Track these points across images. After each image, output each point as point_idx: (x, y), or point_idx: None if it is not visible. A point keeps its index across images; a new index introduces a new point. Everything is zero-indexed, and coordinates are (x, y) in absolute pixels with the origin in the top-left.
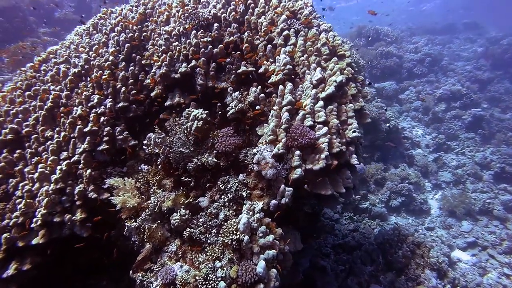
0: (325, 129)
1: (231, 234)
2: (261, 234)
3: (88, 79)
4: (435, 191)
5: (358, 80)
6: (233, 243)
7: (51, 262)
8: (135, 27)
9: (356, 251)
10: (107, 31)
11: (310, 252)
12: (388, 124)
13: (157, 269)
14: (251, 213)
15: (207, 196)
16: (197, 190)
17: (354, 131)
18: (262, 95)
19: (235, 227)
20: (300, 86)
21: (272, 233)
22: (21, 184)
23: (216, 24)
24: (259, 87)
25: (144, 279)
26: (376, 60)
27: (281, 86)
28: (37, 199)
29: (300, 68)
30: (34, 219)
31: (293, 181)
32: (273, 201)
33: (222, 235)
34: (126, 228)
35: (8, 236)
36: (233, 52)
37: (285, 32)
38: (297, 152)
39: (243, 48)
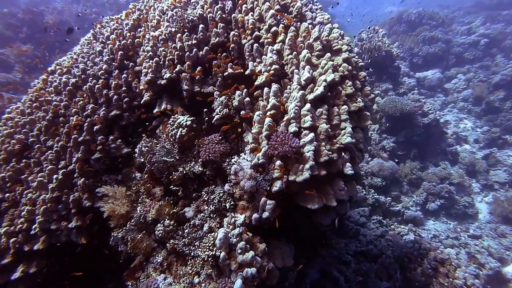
0: (310, 135)
1: (208, 250)
2: (239, 251)
3: (84, 88)
4: (484, 192)
5: (359, 77)
6: (209, 259)
7: (57, 266)
8: (128, 34)
9: (371, 263)
10: (103, 40)
11: (320, 261)
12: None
13: (142, 280)
14: (231, 227)
15: (193, 206)
16: (185, 200)
17: (347, 137)
18: (247, 99)
19: (212, 242)
20: (288, 88)
21: (254, 249)
22: (25, 192)
23: (201, 25)
24: (245, 90)
25: None
26: (418, 47)
27: (266, 89)
28: (36, 206)
29: (289, 68)
30: (33, 226)
31: (275, 194)
32: (255, 215)
33: (200, 250)
34: (112, 238)
35: (15, 241)
36: (220, 54)
37: (273, 29)
38: (278, 162)
39: (230, 49)
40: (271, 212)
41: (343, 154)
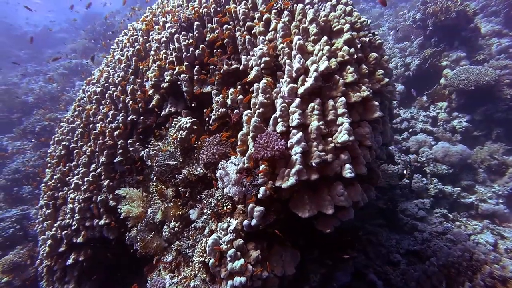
0: (298, 135)
1: (199, 256)
2: (229, 258)
3: (107, 95)
4: None
5: (369, 59)
6: (199, 265)
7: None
8: (141, 39)
9: (410, 269)
10: (122, 47)
11: (352, 264)
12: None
13: (153, 278)
14: (223, 232)
15: (197, 208)
16: (193, 201)
17: (344, 134)
18: (241, 96)
19: (204, 248)
20: (281, 81)
21: (246, 256)
22: (69, 192)
23: (196, 23)
24: (239, 87)
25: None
26: None
27: (256, 85)
28: (75, 205)
29: (282, 58)
30: (73, 223)
31: (259, 202)
32: (245, 221)
33: (196, 254)
34: (127, 238)
35: (66, 233)
36: (216, 50)
37: (266, 16)
38: (262, 166)
39: (225, 43)
40: (259, 220)
41: (341, 154)
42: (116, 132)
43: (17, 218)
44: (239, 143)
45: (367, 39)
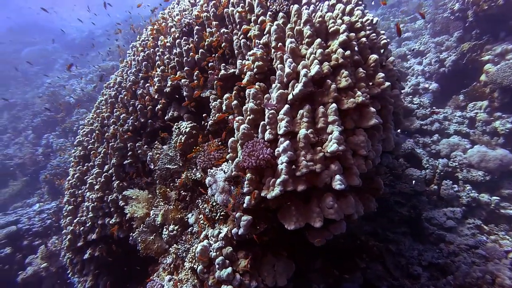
0: (284, 144)
1: (189, 262)
2: (217, 266)
3: (119, 99)
4: None
5: (369, 62)
6: (189, 271)
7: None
8: (151, 44)
9: (430, 285)
10: (135, 52)
11: (360, 275)
12: None
13: (154, 279)
14: (214, 239)
15: (195, 213)
16: (193, 205)
17: (333, 144)
18: (235, 102)
19: (193, 254)
20: (273, 86)
21: (235, 265)
22: (86, 191)
23: (196, 27)
24: (234, 92)
25: None
26: None
27: (247, 90)
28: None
29: (274, 62)
30: (87, 220)
31: (246, 211)
32: (234, 230)
33: (186, 260)
34: (130, 238)
35: (83, 229)
36: (215, 54)
37: (261, 18)
38: (248, 175)
39: (223, 47)
40: (246, 229)
41: (331, 164)
42: (126, 135)
43: (54, 210)
44: (229, 150)
45: (369, 39)
